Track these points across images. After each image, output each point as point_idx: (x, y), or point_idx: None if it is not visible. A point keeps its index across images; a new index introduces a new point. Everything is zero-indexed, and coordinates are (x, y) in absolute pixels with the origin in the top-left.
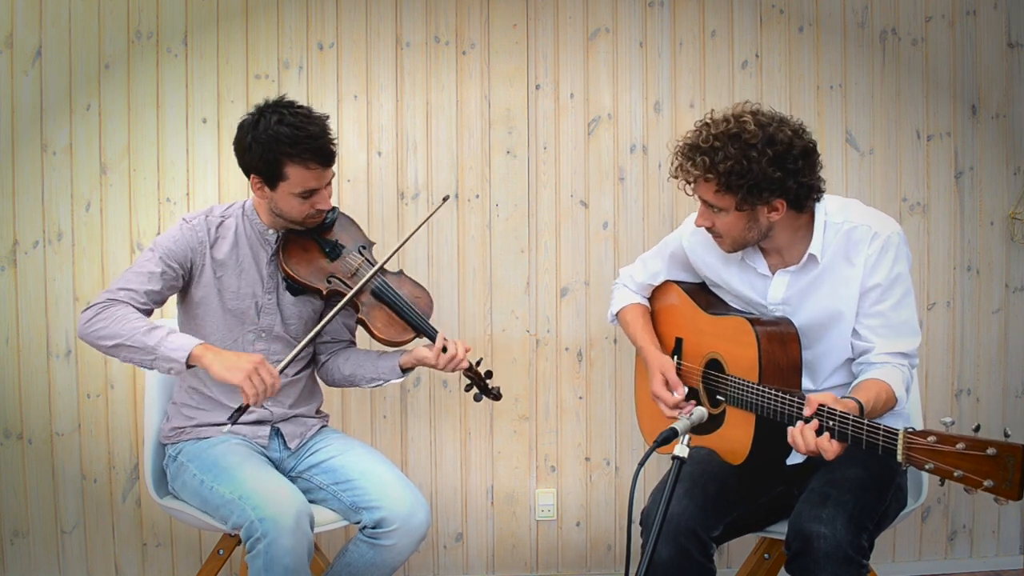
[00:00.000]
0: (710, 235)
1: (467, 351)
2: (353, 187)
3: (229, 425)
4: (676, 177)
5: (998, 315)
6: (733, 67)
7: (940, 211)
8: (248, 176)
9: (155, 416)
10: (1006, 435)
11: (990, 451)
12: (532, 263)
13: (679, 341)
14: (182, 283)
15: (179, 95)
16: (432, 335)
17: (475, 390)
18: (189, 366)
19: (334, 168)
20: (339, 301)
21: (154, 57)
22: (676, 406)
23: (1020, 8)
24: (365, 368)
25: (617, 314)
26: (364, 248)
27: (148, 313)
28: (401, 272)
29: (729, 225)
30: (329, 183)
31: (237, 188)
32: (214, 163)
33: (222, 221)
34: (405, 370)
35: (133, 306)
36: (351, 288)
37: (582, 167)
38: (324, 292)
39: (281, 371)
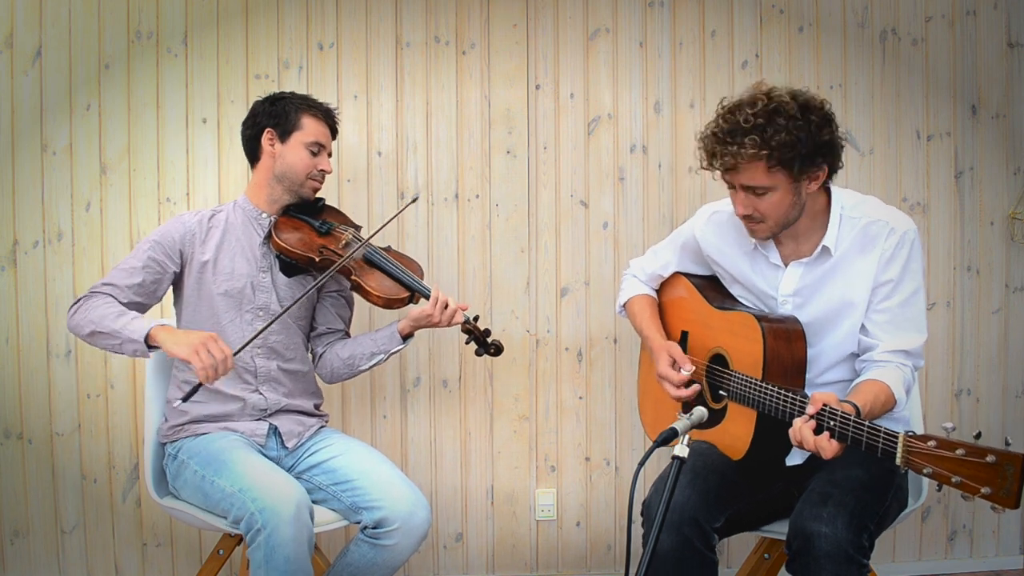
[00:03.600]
0: (724, 223)
1: (464, 309)
2: (353, 187)
3: (179, 403)
4: (711, 167)
5: (998, 315)
6: (733, 67)
7: (940, 211)
8: (258, 140)
9: (154, 416)
10: (1007, 443)
11: (989, 459)
12: (532, 263)
13: (685, 335)
14: (171, 273)
15: (179, 95)
16: (426, 293)
17: (475, 345)
18: (151, 347)
19: (334, 169)
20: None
21: (154, 57)
22: (682, 385)
23: (1020, 8)
24: (363, 345)
25: (625, 304)
26: (352, 228)
27: (136, 306)
28: (389, 247)
29: (775, 204)
30: (330, 154)
31: (237, 188)
32: (214, 163)
33: (214, 214)
34: (405, 337)
35: (113, 298)
36: (343, 256)
37: (582, 167)
38: (317, 260)
39: (259, 334)
